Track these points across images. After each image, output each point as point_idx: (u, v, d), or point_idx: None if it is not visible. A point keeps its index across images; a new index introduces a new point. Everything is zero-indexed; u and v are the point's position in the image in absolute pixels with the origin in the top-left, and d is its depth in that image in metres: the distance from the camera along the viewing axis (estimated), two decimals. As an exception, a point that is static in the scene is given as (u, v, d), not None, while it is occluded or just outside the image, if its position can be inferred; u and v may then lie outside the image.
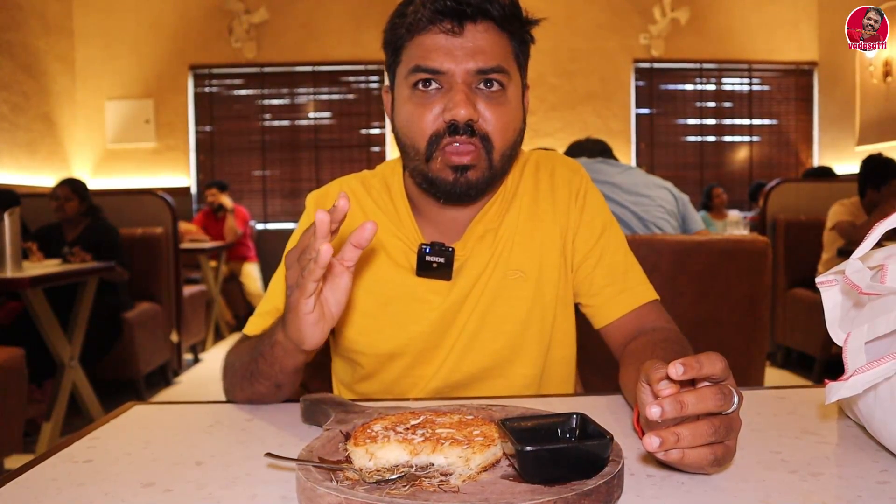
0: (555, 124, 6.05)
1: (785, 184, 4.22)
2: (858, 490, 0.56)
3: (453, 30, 0.85)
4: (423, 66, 0.86)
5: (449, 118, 0.85)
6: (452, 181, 0.88)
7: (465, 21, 0.85)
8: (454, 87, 0.85)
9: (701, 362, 0.55)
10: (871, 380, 0.58)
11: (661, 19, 6.03)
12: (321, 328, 0.71)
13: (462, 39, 0.85)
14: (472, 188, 0.89)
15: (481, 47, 0.86)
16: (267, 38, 5.97)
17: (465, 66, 0.85)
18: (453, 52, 0.85)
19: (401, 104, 0.90)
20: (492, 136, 0.87)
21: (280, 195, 6.16)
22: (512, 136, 0.90)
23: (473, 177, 0.88)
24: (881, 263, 0.62)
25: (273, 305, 0.99)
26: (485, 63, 0.86)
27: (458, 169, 0.87)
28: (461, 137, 0.86)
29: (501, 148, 0.89)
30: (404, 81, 0.89)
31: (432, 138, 0.87)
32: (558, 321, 1.00)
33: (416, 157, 0.89)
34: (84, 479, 0.62)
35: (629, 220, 2.11)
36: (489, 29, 0.87)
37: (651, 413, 0.53)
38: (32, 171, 5.12)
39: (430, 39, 0.86)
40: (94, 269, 2.93)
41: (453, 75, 0.85)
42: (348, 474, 0.55)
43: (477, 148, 0.87)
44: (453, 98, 0.85)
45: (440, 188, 0.89)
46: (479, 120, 0.86)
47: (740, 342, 1.84)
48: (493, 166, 0.89)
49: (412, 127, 0.88)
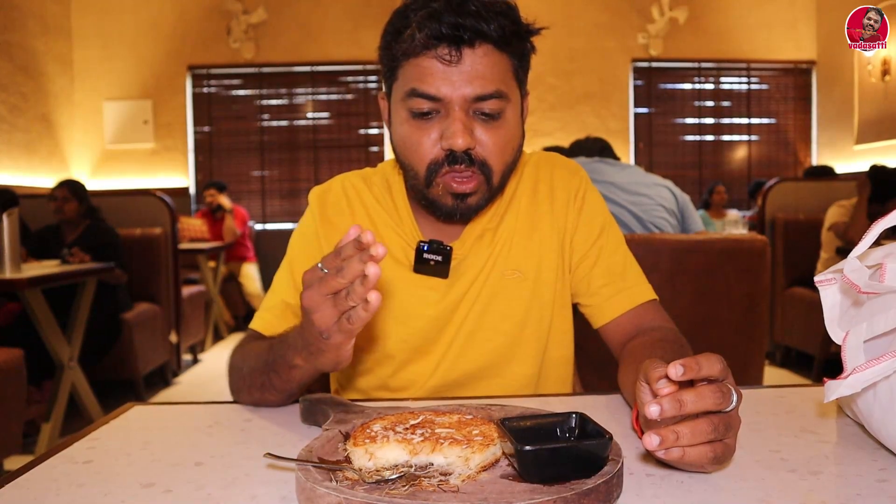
0: (553, 124, 6.06)
1: (783, 183, 4.22)
2: (857, 489, 0.56)
3: (450, 55, 0.82)
4: (419, 90, 0.84)
5: (447, 147, 0.84)
6: (452, 206, 0.89)
7: (463, 46, 0.83)
8: (451, 114, 0.84)
9: (700, 363, 0.55)
10: (870, 378, 0.58)
11: (659, 19, 6.04)
12: (346, 351, 0.70)
13: (459, 66, 0.83)
14: (471, 211, 0.90)
15: (479, 72, 0.83)
16: (265, 38, 5.97)
17: (461, 93, 0.83)
18: (450, 79, 0.83)
19: (398, 123, 0.90)
20: (490, 162, 0.87)
21: (279, 195, 6.16)
22: (510, 156, 0.90)
23: (473, 202, 0.89)
24: (880, 262, 0.62)
25: (280, 299, 0.99)
26: (482, 89, 0.84)
27: (458, 196, 0.88)
28: (460, 167, 0.85)
29: (500, 170, 0.89)
30: (401, 103, 0.88)
31: (431, 166, 0.87)
32: (556, 321, 1.00)
33: (415, 179, 0.90)
34: (84, 480, 0.62)
35: (628, 219, 2.11)
36: (488, 52, 0.84)
37: (650, 412, 0.53)
38: (31, 172, 5.12)
39: (427, 63, 0.84)
40: (92, 271, 2.92)
41: (450, 101, 0.84)
42: (348, 474, 0.55)
43: (475, 174, 0.87)
44: (450, 127, 0.84)
45: (439, 210, 0.90)
46: (477, 147, 0.86)
47: (739, 341, 1.85)
48: (491, 188, 0.89)
49: (410, 151, 0.88)
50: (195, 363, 4.51)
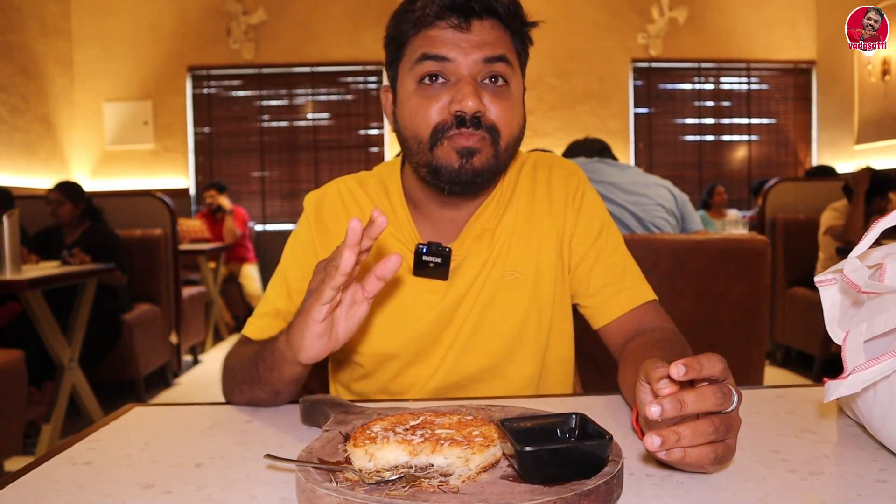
0: (553, 124, 6.06)
1: (784, 183, 4.22)
2: (857, 489, 0.56)
3: (460, 25, 0.87)
4: (430, 53, 0.87)
5: (456, 109, 0.85)
6: (458, 168, 0.87)
7: (472, 17, 0.87)
8: (461, 79, 0.86)
9: (702, 363, 0.55)
10: (870, 378, 0.58)
11: (659, 19, 6.04)
12: (323, 343, 0.72)
13: (468, 34, 0.87)
14: (477, 175, 0.88)
15: (487, 40, 0.87)
16: (265, 39, 5.97)
17: (472, 57, 0.86)
18: (460, 44, 0.86)
19: (405, 98, 0.90)
20: (499, 127, 0.88)
21: (279, 196, 6.16)
22: (516, 129, 0.91)
23: (478, 163, 0.88)
24: (879, 262, 0.62)
25: (273, 307, 0.99)
26: (491, 52, 0.87)
27: (464, 154, 0.87)
28: (467, 130, 0.86)
29: (507, 139, 0.90)
30: (409, 74, 0.89)
31: (438, 128, 0.87)
32: (556, 322, 1.00)
33: (419, 147, 0.89)
34: (84, 481, 0.62)
35: (627, 220, 2.11)
36: (494, 25, 0.89)
37: (651, 412, 0.53)
38: (31, 173, 5.12)
39: (437, 32, 0.87)
40: (92, 272, 2.92)
41: (459, 65, 0.86)
42: (348, 475, 0.55)
43: (484, 137, 0.87)
44: (461, 90, 0.85)
45: (444, 176, 0.88)
46: (486, 112, 0.87)
47: (739, 341, 1.85)
48: (498, 155, 0.89)
49: (417, 118, 0.88)
50: (195, 364, 4.52)
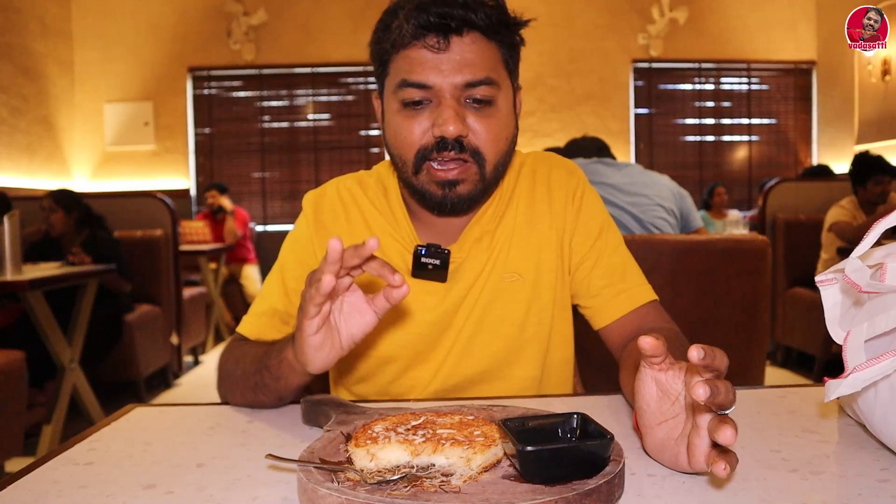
0: (553, 125, 6.05)
1: (784, 183, 4.22)
2: (859, 489, 0.56)
3: (438, 44, 0.83)
4: (409, 80, 0.85)
5: (438, 134, 0.84)
6: (441, 196, 0.88)
7: (451, 34, 0.83)
8: (442, 101, 0.84)
9: (715, 354, 0.53)
10: (871, 377, 0.58)
11: (659, 19, 6.04)
12: (326, 354, 0.71)
13: (448, 54, 0.83)
14: (463, 202, 0.89)
15: (468, 60, 0.84)
16: (266, 39, 5.97)
17: (452, 81, 0.84)
18: (440, 67, 0.83)
19: (390, 116, 0.90)
20: (483, 150, 0.87)
21: (279, 197, 6.16)
22: (504, 146, 0.90)
23: (464, 191, 0.88)
24: (880, 262, 0.62)
25: (269, 305, 0.98)
26: (472, 76, 0.84)
27: (445, 185, 0.87)
28: (449, 154, 0.85)
29: (494, 160, 0.88)
30: (393, 95, 0.88)
31: (420, 152, 0.86)
32: (556, 323, 1.00)
33: (404, 167, 0.89)
34: (85, 482, 0.62)
35: (627, 221, 2.11)
36: (476, 40, 0.85)
37: (698, 394, 0.49)
38: (31, 175, 5.12)
39: (416, 53, 0.84)
40: (93, 272, 2.92)
41: (441, 90, 0.84)
42: (349, 475, 0.55)
43: (467, 163, 0.86)
44: (442, 114, 0.83)
45: (429, 201, 0.89)
46: (469, 135, 0.86)
47: (740, 341, 1.84)
48: (485, 179, 0.89)
49: (399, 139, 0.88)
50: (196, 365, 4.52)
